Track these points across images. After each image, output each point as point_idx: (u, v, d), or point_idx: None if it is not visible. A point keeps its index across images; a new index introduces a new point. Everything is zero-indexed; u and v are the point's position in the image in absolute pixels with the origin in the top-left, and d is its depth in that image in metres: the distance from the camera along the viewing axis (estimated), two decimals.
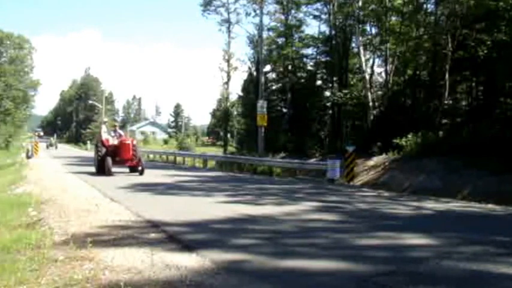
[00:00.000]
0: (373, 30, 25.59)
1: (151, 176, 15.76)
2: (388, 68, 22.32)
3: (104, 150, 16.40)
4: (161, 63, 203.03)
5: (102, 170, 15.89)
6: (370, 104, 22.34)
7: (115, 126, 18.57)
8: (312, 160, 20.88)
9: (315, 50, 30.25)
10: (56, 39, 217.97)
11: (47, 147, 51.26)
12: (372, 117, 22.09)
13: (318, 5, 28.38)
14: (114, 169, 16.14)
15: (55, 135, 63.41)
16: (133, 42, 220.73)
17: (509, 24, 16.80)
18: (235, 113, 41.02)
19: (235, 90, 54.38)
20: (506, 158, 12.30)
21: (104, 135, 17.15)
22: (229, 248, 5.15)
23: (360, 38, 24.06)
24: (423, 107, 19.85)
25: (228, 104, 37.62)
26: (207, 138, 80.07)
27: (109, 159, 15.73)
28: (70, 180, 14.15)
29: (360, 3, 23.40)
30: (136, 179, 14.43)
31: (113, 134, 17.49)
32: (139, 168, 16.41)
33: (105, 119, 17.79)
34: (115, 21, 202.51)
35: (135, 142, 17.18)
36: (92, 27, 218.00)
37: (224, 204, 8.97)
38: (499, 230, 7.10)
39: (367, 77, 23.59)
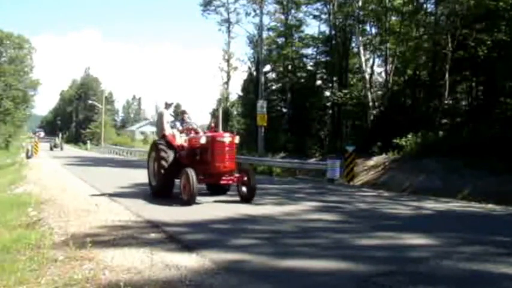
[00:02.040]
0: (373, 30, 25.63)
1: None
2: (388, 68, 22.32)
3: (171, 155, 9.50)
4: (161, 63, 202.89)
5: (167, 188, 9.54)
6: (370, 104, 22.33)
7: (183, 114, 10.86)
8: (312, 160, 20.88)
9: (315, 50, 30.28)
10: (56, 39, 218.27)
11: (51, 148, 46.66)
12: (371, 117, 22.08)
13: (318, 5, 28.41)
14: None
15: (60, 135, 56.80)
16: (133, 42, 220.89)
17: (509, 24, 16.79)
18: (235, 112, 41.04)
19: (235, 90, 54.31)
20: (506, 158, 12.30)
21: (168, 129, 10.08)
22: (229, 248, 5.15)
23: (360, 38, 24.04)
24: (423, 107, 19.85)
25: (228, 103, 37.63)
26: None
27: (193, 173, 8.45)
28: (70, 179, 14.13)
29: (360, 3, 23.40)
30: (135, 178, 14.29)
31: (179, 126, 10.38)
32: (244, 188, 9.27)
33: (170, 101, 10.61)
34: (115, 21, 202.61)
35: (237, 140, 9.57)
36: (92, 27, 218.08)
37: (224, 204, 8.95)
38: (499, 230, 7.09)
39: (367, 77, 23.59)
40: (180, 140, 9.97)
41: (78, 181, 13.67)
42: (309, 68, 31.16)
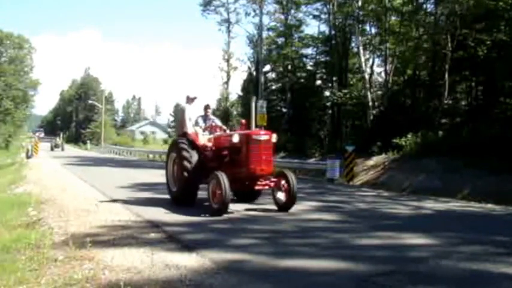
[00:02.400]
0: (373, 30, 25.67)
1: (152, 175, 15.73)
2: (387, 67, 22.33)
3: (195, 155, 8.24)
4: (161, 63, 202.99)
5: (190, 195, 8.33)
6: (370, 103, 22.34)
7: (207, 109, 9.36)
8: (312, 160, 20.88)
9: (315, 49, 30.33)
10: (56, 39, 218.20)
11: (52, 148, 46.18)
12: (371, 117, 22.09)
13: (318, 5, 28.44)
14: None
15: (61, 135, 55.85)
16: (133, 42, 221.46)
17: (508, 24, 16.80)
18: (234, 112, 41.10)
19: (235, 90, 54.32)
20: (506, 158, 12.28)
21: (190, 127, 8.82)
22: (229, 248, 5.15)
23: (360, 38, 24.05)
24: (423, 107, 19.85)
25: (228, 103, 37.63)
26: None
27: (224, 178, 7.24)
28: (70, 179, 14.14)
29: (360, 3, 23.40)
30: (135, 178, 14.34)
31: (201, 123, 9.00)
32: (282, 194, 8.03)
33: (193, 95, 9.20)
34: (115, 21, 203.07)
35: (274, 138, 8.14)
36: (92, 27, 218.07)
37: None
38: (498, 229, 7.10)
39: (367, 76, 23.60)
40: (203, 138, 8.69)
41: (78, 181, 13.68)
42: (309, 68, 31.19)
